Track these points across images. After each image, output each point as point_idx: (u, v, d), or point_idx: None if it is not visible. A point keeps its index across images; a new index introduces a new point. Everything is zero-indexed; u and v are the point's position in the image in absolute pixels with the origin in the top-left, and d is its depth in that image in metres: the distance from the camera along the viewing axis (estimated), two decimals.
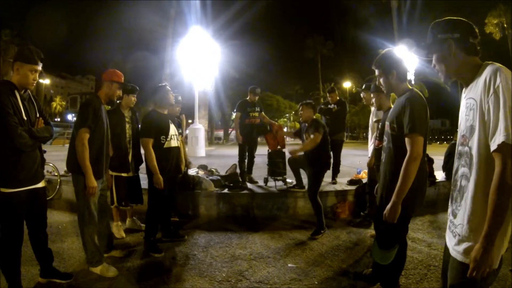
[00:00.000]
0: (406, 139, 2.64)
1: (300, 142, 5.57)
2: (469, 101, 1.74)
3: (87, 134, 3.49)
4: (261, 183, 6.69)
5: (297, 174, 6.09)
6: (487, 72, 1.63)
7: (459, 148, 1.83)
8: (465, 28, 1.80)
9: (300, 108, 5.31)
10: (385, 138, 3.04)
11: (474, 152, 1.67)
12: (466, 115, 1.76)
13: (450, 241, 1.84)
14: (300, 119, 5.37)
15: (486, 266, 1.58)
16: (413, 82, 22.30)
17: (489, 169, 1.59)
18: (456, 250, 1.76)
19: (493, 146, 1.54)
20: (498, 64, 1.65)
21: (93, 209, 3.67)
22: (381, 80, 2.95)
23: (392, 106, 3.17)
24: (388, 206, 2.64)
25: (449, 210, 1.89)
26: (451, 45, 1.79)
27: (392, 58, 2.92)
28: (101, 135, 3.70)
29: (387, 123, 2.98)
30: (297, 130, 5.84)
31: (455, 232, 1.79)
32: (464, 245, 1.71)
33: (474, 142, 1.67)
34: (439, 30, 1.85)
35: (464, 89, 1.85)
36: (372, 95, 4.37)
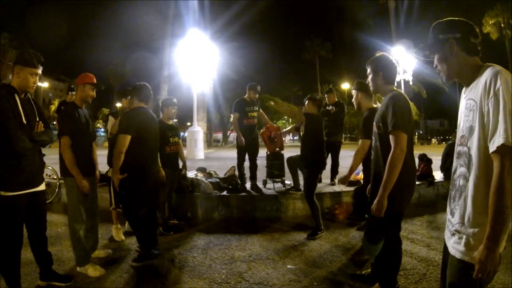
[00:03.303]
0: (390, 136, 2.77)
1: (299, 144, 5.50)
2: (469, 101, 1.76)
3: (68, 140, 3.62)
4: (260, 185, 6.68)
5: (294, 176, 6.10)
6: (487, 74, 1.65)
7: (458, 148, 1.85)
8: (466, 28, 1.83)
9: (306, 102, 5.18)
10: (373, 137, 3.17)
11: (473, 152, 1.69)
12: (465, 115, 1.79)
13: (449, 239, 1.86)
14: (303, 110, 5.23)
15: (492, 267, 1.59)
16: (411, 83, 22.33)
17: (488, 170, 1.61)
18: (455, 248, 1.78)
19: (492, 148, 1.56)
20: (498, 67, 1.67)
21: (82, 209, 3.78)
22: (369, 78, 3.12)
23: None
24: (375, 201, 2.77)
25: (448, 209, 1.92)
26: (452, 45, 1.81)
27: (383, 61, 3.09)
28: (82, 138, 3.80)
29: (374, 123, 3.11)
30: (297, 125, 5.80)
31: (453, 230, 1.81)
32: (463, 243, 1.73)
33: (473, 143, 1.69)
34: (440, 30, 1.87)
35: (464, 89, 1.87)
36: (353, 93, 4.41)
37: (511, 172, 1.53)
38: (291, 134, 68.88)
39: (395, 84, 3.14)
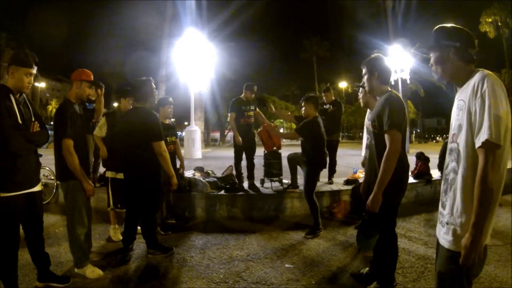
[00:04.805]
0: (386, 135, 2.89)
1: (297, 142, 5.53)
2: (459, 102, 1.92)
3: (71, 142, 3.49)
4: (257, 184, 6.67)
5: (293, 173, 6.09)
6: (476, 78, 1.82)
7: (450, 145, 2.02)
8: (466, 39, 1.96)
9: (303, 104, 5.19)
10: (368, 136, 3.33)
11: (462, 147, 1.86)
12: (456, 115, 1.95)
13: (440, 231, 2.01)
14: (303, 114, 5.27)
15: (476, 254, 1.73)
16: (408, 82, 22.33)
17: (474, 164, 1.78)
18: (444, 238, 1.94)
19: (477, 143, 1.74)
20: (487, 71, 1.84)
21: (83, 212, 3.70)
22: (364, 78, 3.21)
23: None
24: (370, 197, 2.90)
25: (440, 202, 2.05)
26: (450, 52, 1.96)
27: (378, 61, 3.18)
28: (81, 136, 3.72)
29: (368, 122, 3.28)
30: (297, 116, 5.80)
31: (443, 221, 1.97)
32: (451, 232, 1.89)
33: (462, 139, 1.86)
34: (442, 35, 2.01)
35: (457, 90, 2.01)
36: (360, 91, 4.42)
37: (494, 165, 1.70)
38: None
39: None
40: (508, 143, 1.77)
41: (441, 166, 7.90)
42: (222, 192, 6.29)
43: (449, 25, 2.01)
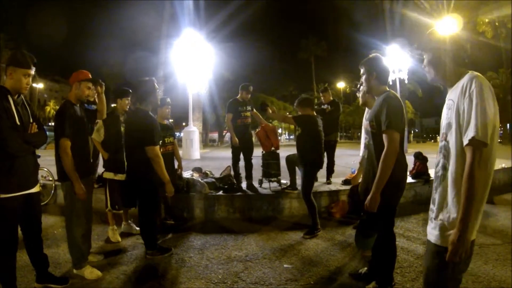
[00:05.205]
0: (384, 135, 2.89)
1: (293, 143, 5.54)
2: (449, 102, 2.00)
3: (68, 142, 3.51)
4: (255, 184, 6.67)
5: (292, 174, 6.09)
6: (465, 79, 1.90)
7: (440, 143, 2.05)
8: (457, 44, 2.05)
9: (298, 109, 5.26)
10: (366, 136, 3.32)
11: (451, 145, 1.92)
12: (446, 114, 2.02)
13: (429, 227, 2.06)
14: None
15: (463, 249, 1.78)
16: (406, 82, 22.34)
17: (463, 161, 1.84)
18: (431, 233, 2.00)
19: (465, 141, 1.81)
20: (476, 73, 1.92)
21: (81, 212, 3.72)
22: (363, 78, 3.22)
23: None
24: (369, 197, 2.90)
25: (431, 199, 2.09)
26: (443, 55, 2.05)
27: (376, 61, 3.18)
28: (81, 136, 3.73)
29: (366, 122, 3.28)
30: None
31: (432, 217, 2.03)
32: (439, 227, 1.95)
33: (451, 137, 1.93)
34: (435, 39, 2.10)
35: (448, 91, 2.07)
36: (360, 90, 4.42)
37: (480, 163, 1.77)
38: (287, 133, 68.91)
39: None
40: (496, 142, 1.85)
41: None
42: (221, 192, 6.29)
43: (441, 29, 2.07)
